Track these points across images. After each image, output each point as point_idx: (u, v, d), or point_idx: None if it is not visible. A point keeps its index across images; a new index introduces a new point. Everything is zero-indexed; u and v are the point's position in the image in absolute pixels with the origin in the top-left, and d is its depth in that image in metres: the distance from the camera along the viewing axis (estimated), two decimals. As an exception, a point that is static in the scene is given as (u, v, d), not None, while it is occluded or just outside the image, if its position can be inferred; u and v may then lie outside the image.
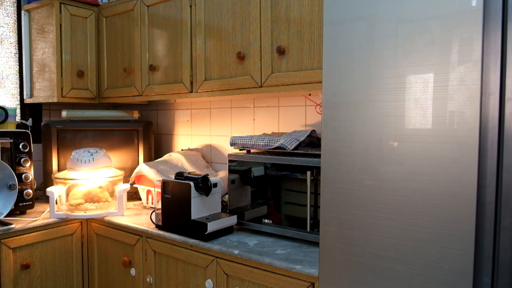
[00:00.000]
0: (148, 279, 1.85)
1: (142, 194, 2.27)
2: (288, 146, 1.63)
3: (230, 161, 1.79)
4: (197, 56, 2.02)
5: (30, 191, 2.12)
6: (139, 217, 2.02)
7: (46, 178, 2.37)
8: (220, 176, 2.17)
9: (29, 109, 2.58)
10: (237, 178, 1.77)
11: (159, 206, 1.81)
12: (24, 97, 2.53)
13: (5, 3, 2.49)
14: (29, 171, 2.15)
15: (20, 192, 2.08)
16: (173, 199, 1.74)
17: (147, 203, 2.24)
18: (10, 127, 2.24)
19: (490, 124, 0.98)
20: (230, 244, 1.59)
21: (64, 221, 2.03)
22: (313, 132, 1.76)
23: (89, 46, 2.47)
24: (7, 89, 2.52)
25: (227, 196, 1.86)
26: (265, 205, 1.71)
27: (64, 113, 2.41)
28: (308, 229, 1.56)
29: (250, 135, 1.87)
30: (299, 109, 2.10)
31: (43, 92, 2.43)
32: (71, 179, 2.08)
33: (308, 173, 1.52)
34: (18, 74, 2.55)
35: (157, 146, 2.78)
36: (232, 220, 1.73)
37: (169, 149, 2.72)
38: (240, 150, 1.83)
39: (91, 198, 2.14)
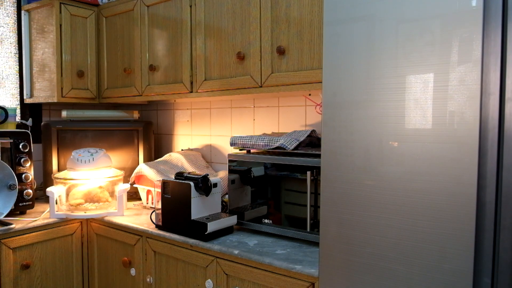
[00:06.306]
0: (148, 279, 1.85)
1: (142, 194, 2.26)
2: (288, 146, 1.63)
3: (230, 161, 1.79)
4: (197, 56, 2.02)
5: (30, 191, 2.12)
6: (139, 217, 2.02)
7: (46, 178, 2.37)
8: (220, 176, 2.17)
9: (29, 109, 2.58)
10: (237, 178, 1.77)
11: (159, 206, 1.81)
12: (24, 97, 2.53)
13: (5, 3, 2.49)
14: (29, 171, 2.15)
15: (20, 192, 2.08)
16: (173, 199, 1.74)
17: (147, 203, 2.24)
18: (10, 127, 2.24)
19: (490, 124, 0.98)
20: (230, 244, 1.59)
21: (64, 221, 2.03)
22: (313, 132, 1.76)
23: (89, 46, 2.47)
24: (7, 89, 2.52)
25: (227, 196, 1.86)
26: (265, 205, 1.71)
27: (64, 113, 2.41)
28: (308, 229, 1.56)
29: (250, 135, 1.87)
30: (299, 109, 2.10)
31: (43, 92, 2.43)
32: (71, 179, 2.08)
33: (308, 173, 1.52)
34: (18, 74, 2.55)
35: (157, 146, 2.78)
36: (232, 220, 1.73)
37: (169, 149, 2.72)
38: (240, 150, 1.83)
39: (91, 198, 2.14)
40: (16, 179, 2.01)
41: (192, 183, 1.69)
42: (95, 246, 2.10)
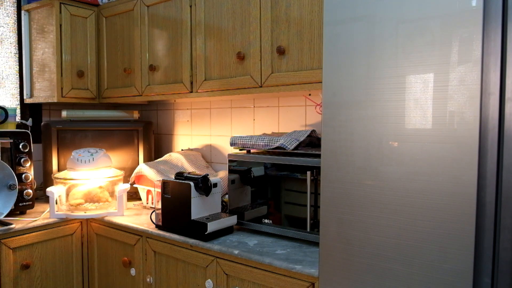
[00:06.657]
0: (148, 279, 1.85)
1: (142, 194, 2.27)
2: (288, 146, 1.63)
3: (230, 161, 1.79)
4: (197, 56, 2.02)
5: (30, 191, 2.12)
6: (139, 217, 2.02)
7: (46, 178, 2.37)
8: (220, 176, 2.17)
9: (29, 109, 2.58)
10: (237, 178, 1.77)
11: (159, 206, 1.81)
12: (24, 97, 2.53)
13: (5, 3, 2.49)
14: (29, 171, 2.15)
15: (20, 192, 2.08)
16: (173, 199, 1.74)
17: (147, 203, 2.24)
18: (10, 127, 2.24)
19: (490, 124, 0.98)
20: (230, 244, 1.59)
21: (64, 221, 2.03)
22: (313, 132, 1.76)
23: (89, 46, 2.47)
24: (7, 89, 2.52)
25: (227, 196, 1.86)
26: (265, 205, 1.71)
27: (64, 113, 2.41)
28: (308, 229, 1.56)
29: (250, 135, 1.87)
30: (299, 109, 2.10)
31: (43, 92, 2.43)
32: (71, 179, 2.08)
33: (308, 173, 1.52)
34: (18, 74, 2.55)
35: (157, 146, 2.78)
36: (232, 220, 1.73)
37: (169, 149, 2.72)
38: (240, 150, 1.83)
39: (91, 198, 2.14)
40: (16, 179, 2.01)
41: (192, 183, 1.69)
42: (95, 246, 2.10)
